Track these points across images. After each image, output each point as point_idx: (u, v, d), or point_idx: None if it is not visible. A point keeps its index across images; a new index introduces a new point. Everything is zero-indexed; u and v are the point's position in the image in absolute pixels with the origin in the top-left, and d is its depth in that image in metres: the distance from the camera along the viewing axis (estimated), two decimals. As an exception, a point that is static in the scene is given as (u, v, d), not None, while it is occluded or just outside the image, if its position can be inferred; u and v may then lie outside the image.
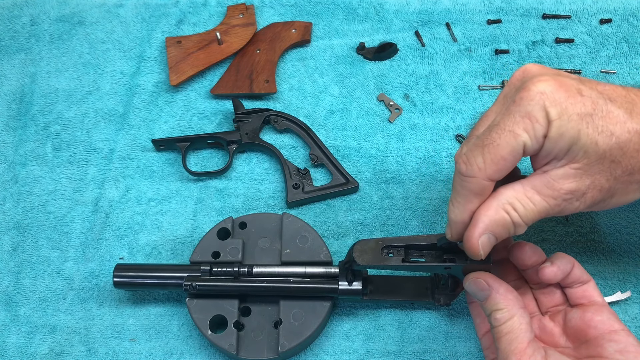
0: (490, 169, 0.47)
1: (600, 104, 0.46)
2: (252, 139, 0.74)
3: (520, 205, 0.48)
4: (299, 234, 0.66)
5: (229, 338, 0.61)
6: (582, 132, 0.45)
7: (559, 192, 0.47)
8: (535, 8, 0.83)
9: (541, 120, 0.45)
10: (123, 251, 0.70)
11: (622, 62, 0.79)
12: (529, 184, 0.48)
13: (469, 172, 0.48)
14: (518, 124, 0.46)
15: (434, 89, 0.79)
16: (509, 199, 0.48)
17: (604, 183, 0.47)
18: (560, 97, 0.45)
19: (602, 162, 0.46)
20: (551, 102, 0.45)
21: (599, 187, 0.47)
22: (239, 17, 0.82)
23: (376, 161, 0.74)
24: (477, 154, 0.47)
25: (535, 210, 0.48)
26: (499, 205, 0.48)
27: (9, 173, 0.75)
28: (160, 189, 0.74)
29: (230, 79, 0.79)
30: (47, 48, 0.83)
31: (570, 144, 0.45)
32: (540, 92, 0.45)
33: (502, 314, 0.51)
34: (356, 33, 0.83)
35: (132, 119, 0.78)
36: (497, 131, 0.46)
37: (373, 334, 0.65)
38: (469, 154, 0.48)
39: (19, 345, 0.66)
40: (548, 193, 0.47)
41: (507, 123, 0.46)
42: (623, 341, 0.51)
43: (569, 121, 0.45)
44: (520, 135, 0.46)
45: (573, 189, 0.47)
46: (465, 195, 0.49)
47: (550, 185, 0.47)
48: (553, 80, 0.46)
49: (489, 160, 0.47)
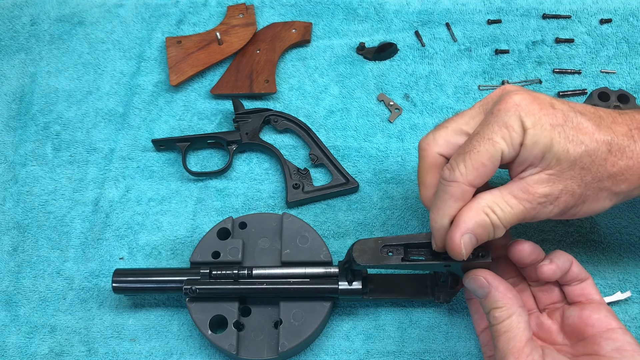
0: (471, 175, 0.50)
1: (570, 116, 0.50)
2: (252, 139, 0.74)
3: (499, 208, 0.51)
4: (299, 234, 0.66)
5: (229, 338, 0.61)
6: (554, 140, 0.49)
7: (533, 196, 0.50)
8: (535, 8, 0.83)
9: (517, 129, 0.49)
10: (123, 251, 0.70)
11: (622, 62, 0.79)
12: (506, 189, 0.51)
13: (452, 177, 0.51)
14: (496, 132, 0.49)
15: (434, 89, 0.79)
16: (489, 203, 0.51)
17: (576, 188, 0.51)
18: (534, 109, 0.49)
19: (573, 168, 0.50)
20: (526, 113, 0.49)
21: (570, 191, 0.51)
22: (239, 17, 0.82)
23: (376, 161, 0.75)
24: (459, 160, 0.50)
25: (512, 213, 0.51)
26: (479, 208, 0.51)
27: (9, 173, 0.75)
28: (160, 189, 0.74)
29: (230, 79, 0.79)
30: (47, 48, 0.83)
31: (544, 152, 0.49)
32: (515, 104, 0.50)
33: (500, 312, 0.51)
34: (356, 33, 0.83)
35: (132, 119, 0.78)
36: (478, 139, 0.50)
37: (373, 334, 0.65)
38: (452, 162, 0.51)
39: (19, 345, 0.66)
40: (524, 197, 0.50)
41: (487, 132, 0.50)
42: (620, 339, 0.51)
43: (542, 130, 0.49)
44: (499, 142, 0.49)
45: (547, 193, 0.50)
46: (446, 200, 0.51)
47: (526, 189, 0.50)
48: (528, 94, 0.50)
49: (470, 167, 0.50)
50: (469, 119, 0.55)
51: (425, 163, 0.56)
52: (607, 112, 0.53)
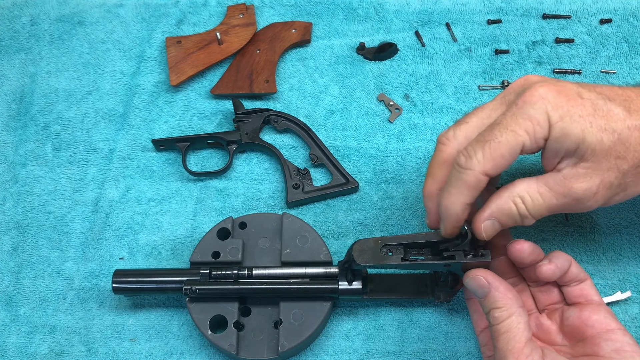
0: (488, 164, 0.49)
1: (600, 104, 0.49)
2: (252, 139, 0.74)
3: (529, 198, 0.50)
4: (299, 234, 0.66)
5: (229, 338, 0.61)
6: (586, 132, 0.48)
7: (569, 190, 0.50)
8: (535, 8, 0.83)
9: (543, 123, 0.48)
10: (123, 251, 0.70)
11: (622, 62, 0.79)
12: (542, 180, 0.50)
13: (468, 165, 0.50)
14: (520, 125, 0.48)
15: (434, 89, 0.79)
16: (520, 192, 0.50)
17: (613, 180, 0.50)
18: (561, 101, 0.48)
19: (608, 159, 0.49)
20: (553, 106, 0.48)
21: (608, 184, 0.50)
22: (239, 17, 0.82)
23: (376, 161, 0.75)
24: (477, 148, 0.50)
25: (543, 206, 0.50)
26: (509, 196, 0.51)
27: (9, 173, 0.75)
28: (160, 189, 0.74)
29: (230, 79, 0.79)
30: (47, 48, 0.83)
31: (577, 143, 0.48)
32: (542, 97, 0.49)
33: (500, 313, 0.51)
34: (356, 33, 0.83)
35: (132, 119, 0.78)
36: (500, 129, 0.49)
37: (373, 334, 0.65)
38: (469, 148, 0.50)
39: (19, 345, 0.66)
40: (559, 190, 0.50)
41: (510, 123, 0.49)
42: (619, 340, 0.51)
43: (572, 122, 0.48)
44: (521, 135, 0.48)
45: (585, 188, 0.50)
46: (459, 187, 0.51)
47: (562, 183, 0.50)
48: (554, 86, 0.49)
49: (488, 156, 0.49)
50: (490, 111, 0.54)
51: (440, 158, 0.55)
52: (637, 92, 0.51)
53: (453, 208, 0.52)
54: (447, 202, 0.52)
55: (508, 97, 0.53)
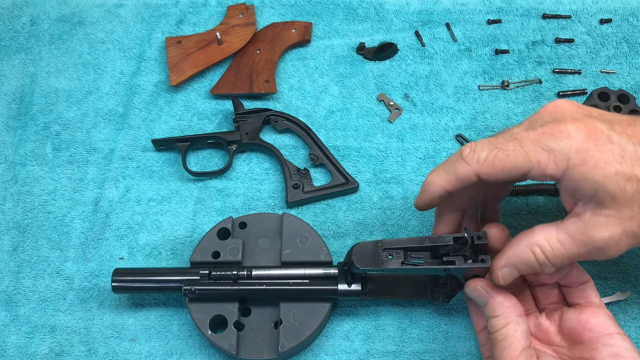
0: (485, 169, 0.49)
1: (629, 150, 0.47)
2: (252, 139, 0.74)
3: (549, 247, 0.49)
4: (299, 234, 0.66)
5: (229, 338, 0.61)
6: (608, 179, 0.46)
7: (591, 240, 0.48)
8: (535, 8, 0.83)
9: (559, 163, 0.47)
10: (123, 251, 0.70)
11: (622, 62, 0.79)
12: (563, 228, 0.49)
13: (468, 158, 0.50)
14: (536, 152, 0.47)
15: (434, 89, 0.79)
16: (539, 241, 0.49)
17: (637, 229, 0.47)
18: (589, 145, 0.46)
19: (631, 207, 0.47)
20: (578, 149, 0.46)
21: (631, 233, 0.47)
22: (239, 17, 0.82)
23: (376, 161, 0.75)
24: (485, 149, 0.49)
25: (564, 255, 0.49)
26: (528, 245, 0.50)
27: (9, 173, 0.75)
28: (160, 189, 0.74)
29: (230, 79, 0.79)
30: (47, 48, 0.83)
31: (596, 189, 0.46)
32: (569, 136, 0.47)
33: (497, 321, 0.51)
34: (356, 33, 0.83)
35: (132, 119, 0.78)
36: (515, 144, 0.48)
37: (373, 334, 0.65)
38: (478, 145, 0.50)
39: (19, 345, 0.66)
40: (580, 239, 0.48)
41: (527, 144, 0.48)
42: (618, 345, 0.51)
43: (595, 168, 0.46)
44: (531, 162, 0.47)
45: (607, 238, 0.47)
46: (449, 173, 0.51)
47: (584, 232, 0.48)
48: (584, 126, 0.47)
49: (489, 161, 0.49)
50: None
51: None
52: None
53: (433, 186, 0.52)
54: (431, 178, 0.53)
55: (534, 123, 0.50)
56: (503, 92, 0.78)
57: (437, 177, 0.52)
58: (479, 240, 0.55)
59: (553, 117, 0.49)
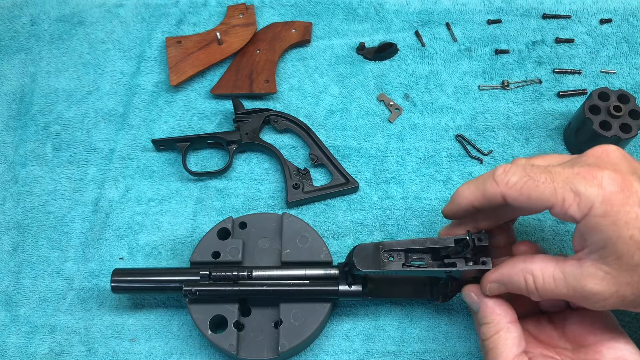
0: (512, 193, 0.49)
1: None
2: (252, 139, 0.74)
3: (541, 280, 0.50)
4: (299, 234, 0.66)
5: (229, 338, 0.61)
6: (621, 239, 0.45)
7: (582, 288, 0.48)
8: (535, 8, 0.83)
9: (582, 207, 0.46)
10: (123, 251, 0.70)
11: (622, 62, 0.79)
12: (561, 266, 0.49)
13: (498, 179, 0.50)
14: (564, 191, 0.47)
15: (434, 89, 0.79)
16: (535, 270, 0.50)
17: (629, 295, 0.47)
18: (617, 199, 0.45)
19: (631, 274, 0.46)
20: (604, 200, 0.46)
21: (622, 297, 0.47)
22: (239, 17, 0.82)
23: (376, 161, 0.74)
24: (516, 173, 0.50)
25: (553, 292, 0.49)
26: (523, 270, 0.51)
27: (9, 173, 0.75)
28: (160, 189, 0.74)
29: (230, 79, 0.79)
30: (47, 48, 0.83)
31: (606, 243, 0.46)
32: (600, 185, 0.46)
33: (487, 329, 0.52)
34: (356, 33, 0.83)
35: (132, 119, 0.78)
36: (547, 177, 0.48)
37: (373, 334, 0.65)
38: (512, 168, 0.50)
39: (19, 345, 0.66)
40: (572, 284, 0.48)
41: (558, 180, 0.48)
42: (621, 349, 0.51)
43: (612, 224, 0.45)
44: (558, 199, 0.47)
45: (596, 292, 0.47)
46: (479, 188, 0.52)
47: (578, 279, 0.48)
48: (621, 180, 0.46)
49: (518, 187, 0.49)
50: (556, 159, 0.53)
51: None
52: None
53: (461, 198, 0.53)
54: (461, 190, 0.54)
55: (577, 164, 0.50)
56: (503, 92, 0.78)
57: (467, 190, 0.53)
58: (480, 243, 0.55)
59: (596, 161, 0.49)
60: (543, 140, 0.75)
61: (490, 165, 0.74)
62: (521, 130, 0.76)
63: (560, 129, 0.76)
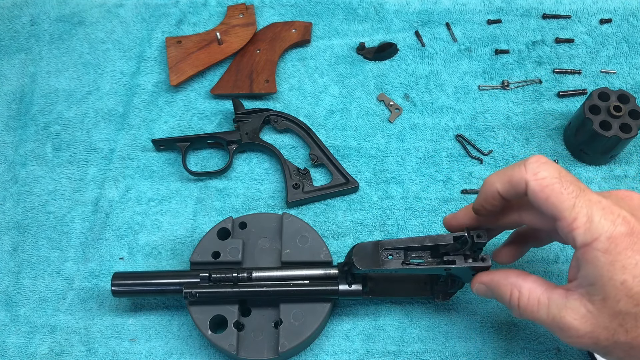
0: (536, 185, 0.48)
1: None
2: (252, 139, 0.74)
3: (526, 299, 0.50)
4: (299, 234, 0.66)
5: (229, 338, 0.61)
6: (612, 282, 0.45)
7: (560, 319, 0.48)
8: (535, 8, 0.83)
9: (587, 236, 0.46)
10: (123, 251, 0.70)
11: (622, 62, 0.79)
12: (549, 293, 0.49)
13: (528, 166, 0.49)
14: (581, 213, 0.46)
15: (434, 89, 0.79)
16: (523, 288, 0.51)
17: (603, 340, 0.47)
18: (622, 242, 0.45)
19: (611, 320, 0.46)
20: (609, 237, 0.45)
21: (596, 339, 0.47)
22: (239, 17, 0.82)
23: (376, 161, 0.74)
24: (548, 170, 0.48)
25: (532, 313, 0.50)
26: (513, 284, 0.51)
27: (9, 173, 0.75)
28: (160, 189, 0.74)
29: (230, 79, 0.79)
30: (47, 48, 0.83)
31: (596, 280, 0.46)
32: (613, 223, 0.45)
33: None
34: (356, 33, 0.83)
35: (132, 119, 0.78)
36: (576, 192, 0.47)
37: (373, 334, 0.65)
38: (547, 164, 0.49)
39: (19, 345, 0.66)
40: (553, 312, 0.48)
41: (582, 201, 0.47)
42: None
43: (610, 264, 0.45)
44: (570, 215, 0.46)
45: (573, 327, 0.47)
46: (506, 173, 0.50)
47: (560, 308, 0.48)
48: (634, 223, 0.46)
49: (544, 183, 0.48)
50: None
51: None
52: None
53: (488, 185, 0.52)
54: (489, 176, 0.52)
55: (610, 196, 0.49)
56: (503, 92, 0.78)
57: (495, 175, 0.52)
58: (479, 239, 0.55)
59: (618, 201, 0.48)
60: (543, 140, 0.75)
61: (490, 165, 0.74)
62: (521, 130, 0.76)
63: (560, 129, 0.76)
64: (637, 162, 0.74)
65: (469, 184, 0.73)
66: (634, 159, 0.74)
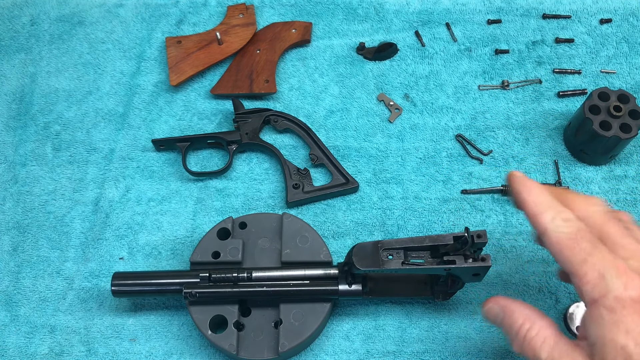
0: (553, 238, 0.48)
1: None
2: (252, 139, 0.74)
3: (533, 334, 0.49)
4: (299, 234, 0.66)
5: (229, 338, 0.61)
6: (612, 343, 0.44)
7: None
8: (535, 8, 0.83)
9: (596, 292, 0.45)
10: (123, 251, 0.70)
11: (622, 62, 0.79)
12: (557, 337, 0.49)
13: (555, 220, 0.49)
14: (593, 269, 0.46)
15: (434, 89, 0.79)
16: (536, 324, 0.50)
17: None
18: (630, 306, 0.44)
19: None
20: (617, 297, 0.45)
21: None
22: (239, 17, 0.82)
23: (376, 161, 0.75)
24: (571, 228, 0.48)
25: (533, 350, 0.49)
26: (527, 317, 0.50)
27: (9, 173, 0.75)
28: (160, 189, 0.74)
29: (230, 79, 0.79)
30: (47, 48, 0.83)
31: (597, 340, 0.45)
32: (625, 284, 0.45)
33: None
34: (356, 33, 0.83)
35: (132, 119, 0.78)
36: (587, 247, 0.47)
37: (373, 334, 0.65)
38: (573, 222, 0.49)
39: (18, 345, 0.66)
40: (554, 356, 0.48)
41: (594, 257, 0.46)
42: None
43: (614, 324, 0.44)
44: (580, 271, 0.46)
45: None
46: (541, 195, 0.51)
47: (562, 355, 0.47)
48: None
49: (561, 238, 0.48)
50: None
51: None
52: None
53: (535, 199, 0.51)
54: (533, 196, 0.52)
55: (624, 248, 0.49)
56: (503, 92, 0.78)
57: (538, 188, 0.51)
58: (479, 239, 0.55)
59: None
60: (543, 140, 0.75)
61: (490, 165, 0.74)
62: (521, 130, 0.76)
63: (560, 129, 0.76)
64: (637, 162, 0.74)
65: (469, 184, 0.73)
66: (634, 159, 0.74)
